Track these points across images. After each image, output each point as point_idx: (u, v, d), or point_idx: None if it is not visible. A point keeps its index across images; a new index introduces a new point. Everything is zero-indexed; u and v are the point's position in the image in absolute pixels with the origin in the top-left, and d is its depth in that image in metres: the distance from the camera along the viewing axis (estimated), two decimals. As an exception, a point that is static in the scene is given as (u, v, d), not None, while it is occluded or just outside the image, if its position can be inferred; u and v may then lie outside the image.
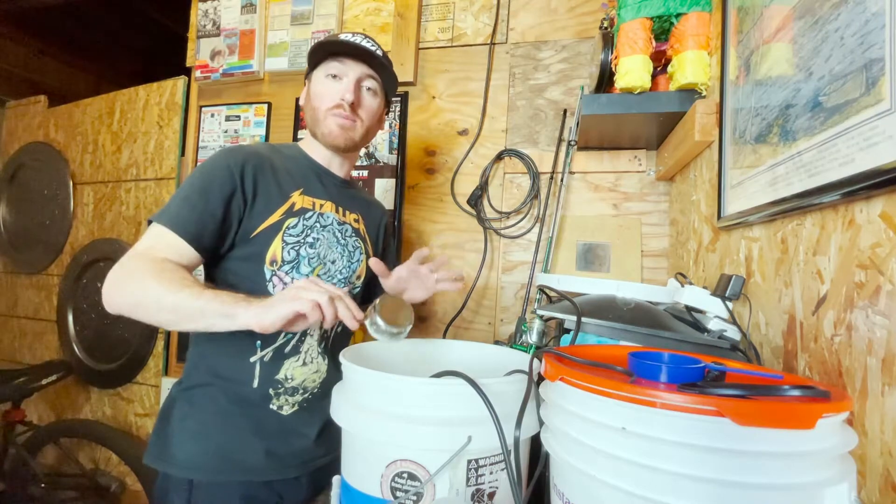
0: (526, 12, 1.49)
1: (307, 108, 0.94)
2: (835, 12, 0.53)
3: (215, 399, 0.83)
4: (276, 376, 0.85)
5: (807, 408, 0.35)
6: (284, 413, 0.86)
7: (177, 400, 0.86)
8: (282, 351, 0.86)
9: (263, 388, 0.85)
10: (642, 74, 1.00)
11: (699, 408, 0.35)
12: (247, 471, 0.82)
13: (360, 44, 0.89)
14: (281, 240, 0.85)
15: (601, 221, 1.38)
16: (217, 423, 0.82)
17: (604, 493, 0.40)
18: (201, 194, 0.79)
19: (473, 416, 0.51)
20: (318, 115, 0.91)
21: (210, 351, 0.86)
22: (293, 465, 0.85)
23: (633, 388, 0.38)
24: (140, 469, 1.65)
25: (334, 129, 0.90)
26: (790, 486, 0.35)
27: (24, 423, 1.85)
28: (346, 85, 0.89)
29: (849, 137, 0.49)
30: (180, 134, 1.83)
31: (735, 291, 0.74)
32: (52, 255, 2.12)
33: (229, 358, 0.85)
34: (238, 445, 0.82)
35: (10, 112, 2.41)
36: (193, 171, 0.84)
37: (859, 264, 0.49)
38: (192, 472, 0.80)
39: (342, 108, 0.89)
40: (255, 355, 0.84)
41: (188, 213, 0.77)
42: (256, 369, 0.84)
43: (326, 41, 0.90)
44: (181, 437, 0.82)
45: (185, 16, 1.84)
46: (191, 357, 0.89)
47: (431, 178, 1.53)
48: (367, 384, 0.57)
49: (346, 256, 0.95)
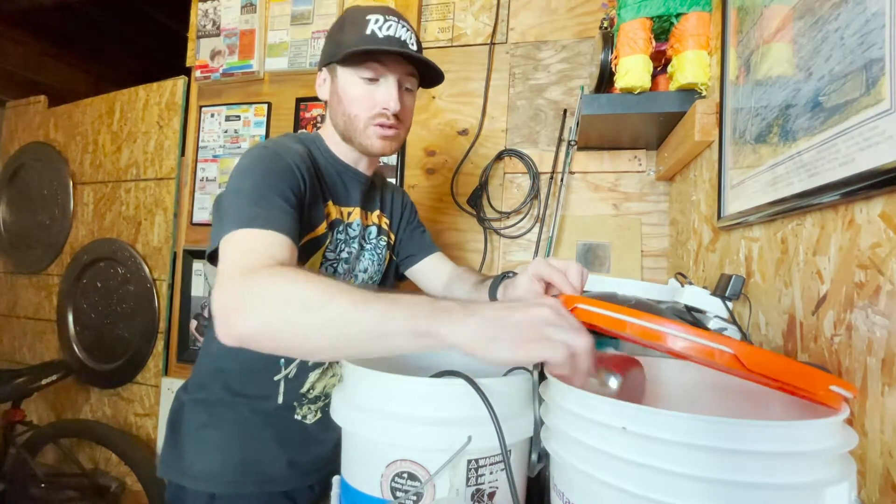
0: (526, 12, 1.49)
1: (336, 111, 0.82)
2: (835, 12, 0.53)
3: (237, 413, 0.80)
4: (300, 391, 0.83)
5: (820, 372, 0.35)
6: (308, 422, 0.84)
7: (189, 408, 0.83)
8: (306, 364, 0.82)
9: (287, 402, 0.82)
10: (642, 74, 1.00)
11: (712, 346, 0.34)
12: (269, 482, 0.80)
13: (401, 40, 0.78)
14: (322, 255, 0.80)
15: (601, 221, 1.37)
16: (240, 435, 0.80)
17: (604, 493, 0.40)
18: (279, 191, 0.68)
19: (473, 416, 0.51)
20: (356, 123, 0.80)
21: (229, 367, 0.81)
22: (312, 472, 0.84)
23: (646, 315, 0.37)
24: (140, 469, 1.65)
25: (377, 141, 0.80)
26: (790, 486, 0.35)
27: (24, 423, 1.85)
28: (390, 92, 0.78)
29: (849, 137, 0.49)
30: (180, 134, 1.83)
31: (735, 291, 0.74)
32: (52, 255, 2.12)
33: (252, 376, 0.80)
34: (262, 457, 0.80)
35: (10, 112, 2.41)
36: (244, 171, 0.70)
37: (859, 264, 0.49)
38: (214, 486, 0.78)
39: (385, 116, 0.79)
40: (280, 374, 0.81)
41: (277, 211, 0.65)
42: (281, 386, 0.81)
43: (360, 36, 0.77)
44: (200, 449, 0.80)
45: (185, 16, 1.84)
46: (205, 367, 0.84)
47: (431, 178, 1.53)
48: (367, 384, 0.57)
49: (376, 260, 0.92)
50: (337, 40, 0.80)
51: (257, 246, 0.61)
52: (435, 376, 0.57)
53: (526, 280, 0.70)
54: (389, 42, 0.77)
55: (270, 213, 0.64)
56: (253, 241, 0.61)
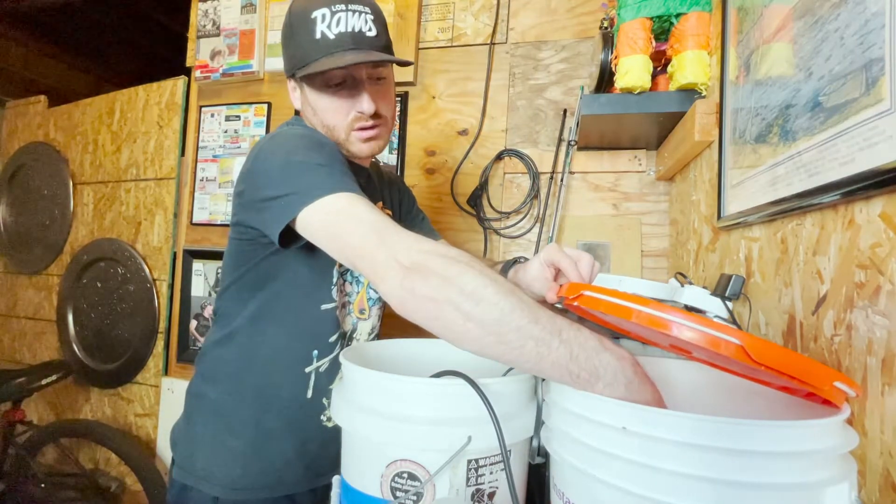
0: (526, 12, 1.49)
1: (314, 123, 0.80)
2: (835, 12, 0.53)
3: (260, 421, 0.79)
4: (329, 386, 0.82)
5: (825, 368, 0.35)
6: (330, 426, 0.82)
7: (204, 409, 0.81)
8: (337, 359, 0.81)
9: (317, 398, 0.81)
10: (642, 74, 1.00)
11: (719, 336, 0.34)
12: (283, 487, 0.79)
13: (355, 32, 0.72)
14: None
15: (601, 221, 1.37)
16: (261, 444, 0.78)
17: (604, 493, 0.40)
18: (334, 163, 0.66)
19: (473, 416, 0.51)
20: (337, 134, 0.77)
21: (256, 358, 0.79)
22: (325, 475, 0.83)
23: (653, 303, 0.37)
24: (140, 469, 1.65)
25: (363, 146, 0.78)
26: (791, 486, 0.35)
27: (24, 423, 1.85)
28: (360, 95, 0.75)
29: (849, 137, 0.49)
30: (180, 134, 1.83)
31: (735, 291, 0.74)
32: (52, 255, 2.12)
33: (281, 367, 0.78)
34: (280, 465, 0.79)
35: (10, 112, 2.41)
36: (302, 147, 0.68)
37: (859, 264, 0.49)
38: (223, 491, 0.76)
39: (363, 119, 0.76)
40: (311, 365, 0.79)
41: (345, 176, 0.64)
42: (311, 380, 0.80)
43: (311, 42, 0.72)
44: (215, 454, 0.78)
45: (185, 16, 1.83)
46: (223, 362, 0.81)
47: (431, 178, 1.53)
48: (367, 384, 0.57)
49: None
50: (291, 52, 0.77)
51: (376, 212, 0.59)
52: (435, 376, 0.57)
53: (537, 265, 0.70)
54: (342, 42, 0.71)
55: (347, 178, 0.64)
56: (366, 207, 0.60)
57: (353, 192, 0.62)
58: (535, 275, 0.70)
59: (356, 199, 0.61)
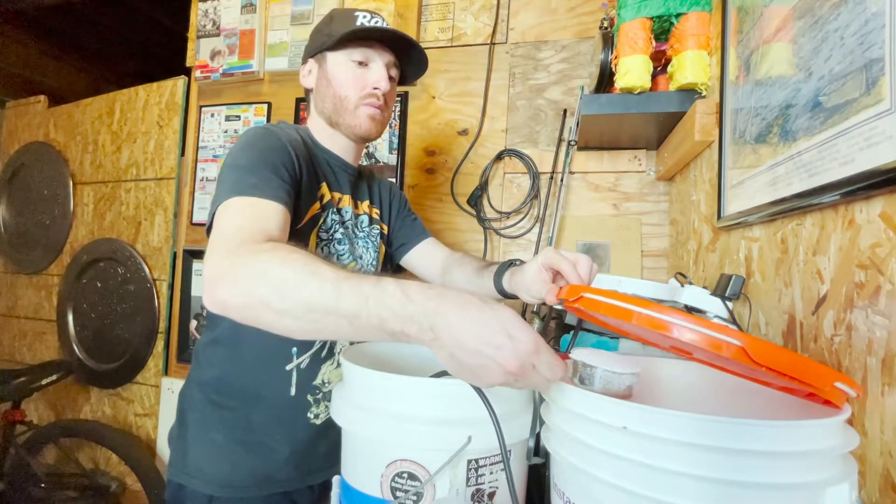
0: (526, 12, 1.49)
1: (324, 95, 0.85)
2: (835, 12, 0.53)
3: (248, 419, 0.80)
4: (313, 382, 0.83)
5: (826, 368, 0.35)
6: (318, 423, 0.84)
7: (196, 408, 0.83)
8: (318, 356, 0.83)
9: (301, 396, 0.82)
10: (642, 74, 1.00)
11: (720, 337, 0.34)
12: (274, 484, 0.80)
13: (390, 29, 0.83)
14: (316, 235, 0.81)
15: (601, 221, 1.37)
16: (250, 442, 0.80)
17: (604, 493, 0.40)
18: (273, 165, 0.69)
19: (473, 416, 0.51)
20: (346, 104, 0.83)
21: (241, 360, 0.81)
22: (316, 472, 0.84)
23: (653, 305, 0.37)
24: (140, 469, 1.65)
25: (366, 121, 0.84)
26: (791, 486, 0.35)
27: (24, 423, 1.85)
28: (380, 73, 0.83)
29: (849, 137, 0.49)
30: (180, 134, 1.83)
31: (735, 291, 0.74)
32: (52, 255, 2.12)
33: (263, 367, 0.80)
34: (270, 462, 0.80)
35: (10, 112, 2.41)
36: (240, 149, 0.72)
37: (859, 264, 0.49)
38: (216, 489, 0.78)
39: (376, 97, 0.83)
40: (292, 363, 0.81)
41: (272, 181, 0.66)
42: (293, 377, 0.81)
43: (350, 28, 0.82)
44: (206, 452, 0.80)
45: (185, 16, 1.83)
46: (211, 365, 0.83)
47: (431, 177, 1.53)
48: (367, 384, 0.57)
49: (371, 248, 0.93)
50: (326, 32, 0.85)
51: (251, 214, 0.62)
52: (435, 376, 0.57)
53: (535, 268, 0.71)
54: (384, 32, 0.83)
55: (265, 182, 0.66)
56: (246, 209, 0.62)
57: (245, 196, 0.63)
58: (534, 278, 0.71)
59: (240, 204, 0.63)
